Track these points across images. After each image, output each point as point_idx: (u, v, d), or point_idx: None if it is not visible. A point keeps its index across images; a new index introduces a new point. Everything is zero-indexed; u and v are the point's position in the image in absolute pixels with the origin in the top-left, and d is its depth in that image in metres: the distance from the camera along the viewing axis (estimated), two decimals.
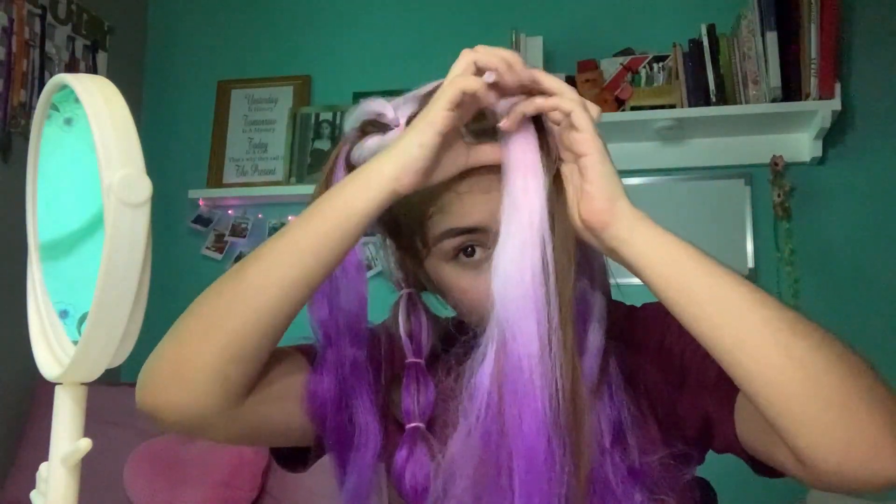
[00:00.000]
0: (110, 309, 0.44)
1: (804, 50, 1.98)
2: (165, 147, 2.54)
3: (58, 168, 0.53)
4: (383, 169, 0.62)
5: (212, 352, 0.62)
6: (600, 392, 0.70)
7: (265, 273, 0.63)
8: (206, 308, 0.64)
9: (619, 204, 0.63)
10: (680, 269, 0.60)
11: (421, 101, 0.70)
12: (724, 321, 0.58)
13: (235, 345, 0.63)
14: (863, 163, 2.11)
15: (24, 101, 2.11)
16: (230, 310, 0.63)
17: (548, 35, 2.21)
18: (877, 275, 2.06)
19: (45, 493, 0.49)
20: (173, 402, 0.63)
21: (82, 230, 0.50)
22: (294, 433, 0.75)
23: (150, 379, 0.65)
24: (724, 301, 0.58)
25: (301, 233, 0.63)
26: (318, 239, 0.62)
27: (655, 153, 2.21)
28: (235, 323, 0.62)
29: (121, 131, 0.44)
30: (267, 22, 2.57)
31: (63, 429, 0.49)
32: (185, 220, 2.46)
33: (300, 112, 2.45)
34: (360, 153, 0.72)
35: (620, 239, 0.62)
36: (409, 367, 0.75)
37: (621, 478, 0.68)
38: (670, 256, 0.61)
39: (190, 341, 0.64)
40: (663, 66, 2.17)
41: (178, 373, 0.63)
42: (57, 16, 2.23)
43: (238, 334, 0.62)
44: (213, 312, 0.64)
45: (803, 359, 0.56)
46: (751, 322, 0.57)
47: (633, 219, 0.63)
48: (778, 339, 0.56)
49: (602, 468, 0.67)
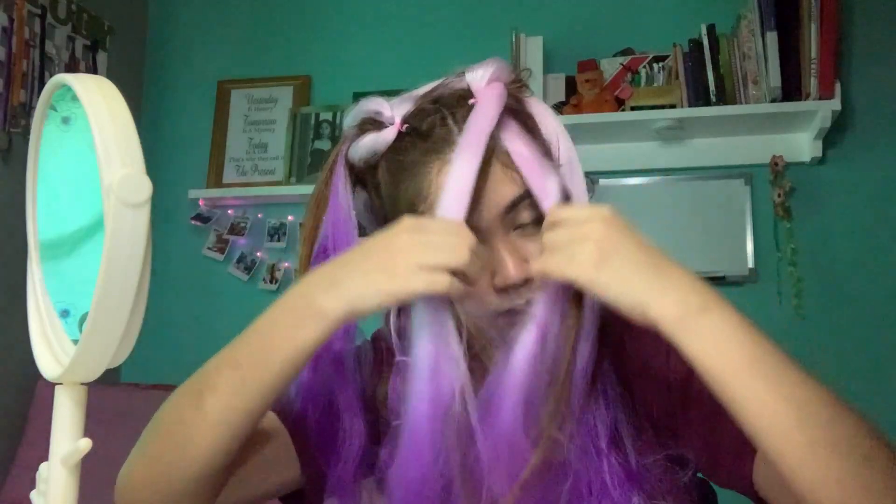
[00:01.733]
0: (110, 309, 0.44)
1: (804, 50, 1.98)
2: (165, 147, 2.54)
3: (58, 168, 0.53)
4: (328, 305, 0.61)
5: (179, 475, 0.65)
6: (594, 393, 0.69)
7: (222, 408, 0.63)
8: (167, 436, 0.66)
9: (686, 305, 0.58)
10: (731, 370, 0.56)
11: (417, 101, 0.71)
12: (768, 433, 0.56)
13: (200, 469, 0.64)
14: (863, 163, 2.11)
15: (24, 101, 2.11)
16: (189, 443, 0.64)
17: (548, 35, 2.21)
18: (877, 274, 2.06)
19: (45, 493, 0.49)
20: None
21: (84, 230, 0.50)
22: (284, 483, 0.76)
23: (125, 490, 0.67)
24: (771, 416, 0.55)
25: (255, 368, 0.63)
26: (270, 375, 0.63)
27: (655, 153, 2.21)
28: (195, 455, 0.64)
29: (121, 131, 0.44)
30: (267, 22, 2.57)
31: (63, 429, 0.49)
32: (185, 220, 2.46)
33: (300, 112, 2.45)
34: (356, 151, 0.72)
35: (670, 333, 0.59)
36: (397, 365, 0.74)
37: (618, 480, 0.67)
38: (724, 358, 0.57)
39: (157, 465, 0.66)
40: (663, 66, 2.17)
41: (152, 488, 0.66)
42: (57, 16, 2.23)
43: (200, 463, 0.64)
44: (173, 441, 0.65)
45: (843, 479, 0.54)
46: (794, 441, 0.55)
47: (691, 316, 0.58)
48: (818, 458, 0.54)
49: (599, 470, 0.67)
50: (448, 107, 0.69)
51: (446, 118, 0.68)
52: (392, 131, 0.70)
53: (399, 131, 0.70)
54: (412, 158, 0.69)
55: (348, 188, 0.74)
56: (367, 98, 0.73)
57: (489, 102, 0.67)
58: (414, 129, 0.69)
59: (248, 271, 2.41)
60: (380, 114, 0.72)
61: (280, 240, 2.39)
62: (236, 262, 2.42)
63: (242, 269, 2.41)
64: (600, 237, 0.59)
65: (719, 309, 0.57)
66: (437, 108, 0.69)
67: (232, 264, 2.42)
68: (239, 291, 2.39)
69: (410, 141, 0.69)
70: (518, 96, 0.72)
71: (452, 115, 0.68)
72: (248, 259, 2.42)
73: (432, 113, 0.69)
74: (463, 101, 0.69)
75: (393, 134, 0.70)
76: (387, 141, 0.70)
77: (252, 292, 2.37)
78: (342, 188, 0.73)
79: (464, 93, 0.70)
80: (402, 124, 0.70)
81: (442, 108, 0.69)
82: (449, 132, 0.68)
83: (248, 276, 2.41)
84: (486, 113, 0.67)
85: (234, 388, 0.63)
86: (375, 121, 0.72)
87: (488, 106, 0.67)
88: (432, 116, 0.69)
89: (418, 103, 0.71)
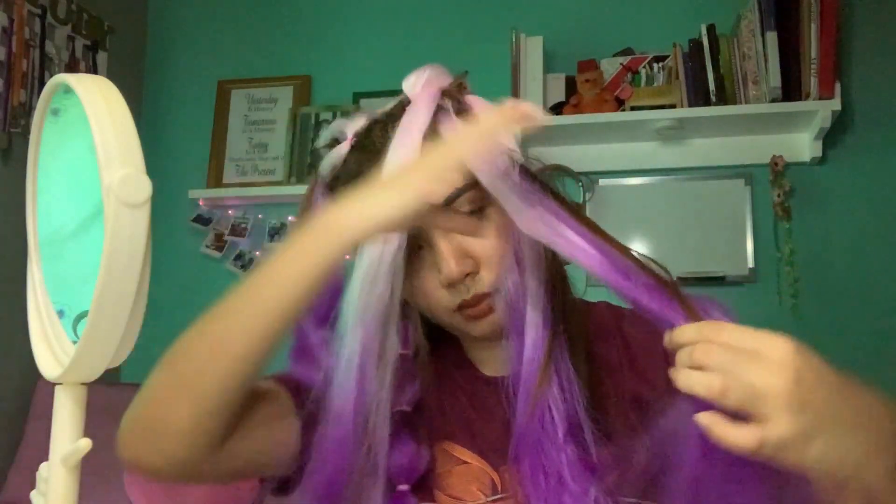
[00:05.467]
0: (110, 309, 0.44)
1: (804, 50, 1.98)
2: (165, 147, 2.54)
3: (54, 167, 0.53)
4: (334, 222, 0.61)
5: (185, 410, 0.62)
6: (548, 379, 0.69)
7: (229, 333, 0.62)
8: (176, 367, 0.64)
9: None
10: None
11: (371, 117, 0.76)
12: None
13: (204, 404, 0.63)
14: (863, 163, 2.11)
15: (24, 101, 2.11)
16: (196, 371, 0.62)
17: (548, 35, 2.21)
18: (877, 275, 2.06)
19: (45, 493, 0.49)
20: (152, 457, 0.64)
21: (74, 230, 0.50)
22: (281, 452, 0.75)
23: (128, 435, 0.65)
24: None
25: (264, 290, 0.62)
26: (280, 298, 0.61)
27: (655, 153, 2.21)
28: (200, 385, 0.62)
29: (121, 131, 0.44)
30: (267, 22, 2.57)
31: (63, 429, 0.49)
32: (185, 220, 2.46)
33: (300, 112, 2.44)
34: (323, 168, 0.77)
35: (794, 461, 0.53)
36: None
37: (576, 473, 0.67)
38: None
39: (162, 400, 0.64)
40: (663, 66, 2.17)
41: (154, 430, 0.63)
42: (57, 16, 2.23)
43: (205, 396, 0.62)
44: (183, 371, 0.63)
45: None
46: None
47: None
48: None
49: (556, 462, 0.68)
50: (391, 118, 0.72)
51: (386, 127, 0.72)
52: (344, 146, 0.75)
53: (350, 146, 0.75)
54: (357, 169, 0.72)
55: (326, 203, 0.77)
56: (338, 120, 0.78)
57: (420, 102, 0.70)
58: (359, 143, 0.74)
59: (246, 269, 2.41)
60: (341, 132, 0.77)
61: (280, 239, 2.39)
62: (234, 261, 2.42)
63: (240, 266, 2.41)
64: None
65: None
66: (382, 121, 0.73)
67: (230, 262, 2.42)
68: None
69: (355, 154, 0.74)
70: (458, 97, 0.74)
71: (392, 124, 0.71)
72: (247, 258, 2.42)
73: (376, 125, 0.74)
74: (403, 111, 0.72)
75: (345, 149, 0.75)
76: (340, 156, 0.75)
77: None
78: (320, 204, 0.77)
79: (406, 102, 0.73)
80: (351, 139, 0.75)
81: (386, 120, 0.73)
82: (387, 140, 0.70)
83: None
84: (417, 111, 0.69)
85: (245, 308, 0.62)
86: (337, 139, 0.77)
87: (419, 106, 0.70)
88: (375, 128, 0.73)
89: (371, 118, 0.76)
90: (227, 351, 0.61)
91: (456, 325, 0.74)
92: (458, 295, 0.70)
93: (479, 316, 0.72)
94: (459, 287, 0.70)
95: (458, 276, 0.69)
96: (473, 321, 0.72)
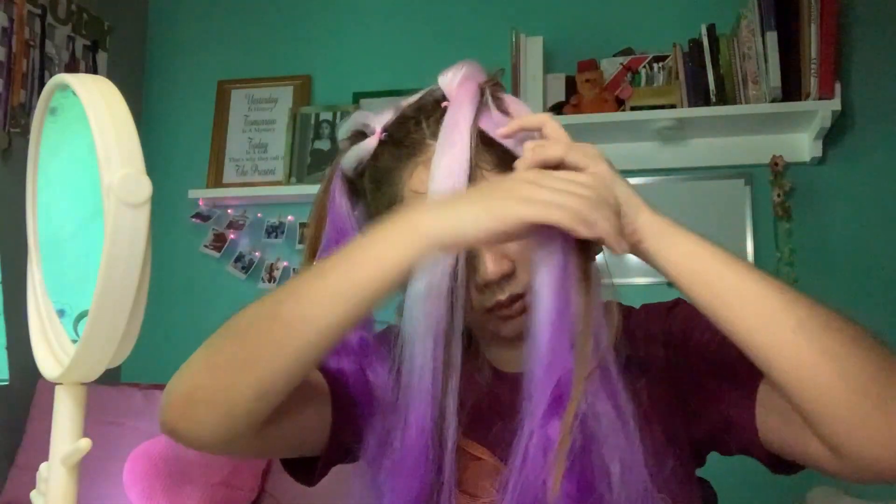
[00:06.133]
0: (110, 308, 0.44)
1: (804, 50, 1.98)
2: (165, 147, 2.54)
3: (54, 167, 0.53)
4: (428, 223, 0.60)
5: (244, 387, 0.62)
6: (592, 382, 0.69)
7: (302, 316, 0.61)
8: (241, 341, 0.63)
9: (642, 219, 0.64)
10: (710, 274, 0.61)
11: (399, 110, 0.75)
12: (758, 323, 0.59)
13: (267, 383, 0.62)
14: (863, 163, 2.11)
15: (24, 101, 2.11)
16: (265, 349, 0.62)
17: (548, 35, 2.21)
18: (877, 275, 2.06)
19: (45, 493, 0.49)
20: (199, 428, 0.63)
21: (74, 229, 0.50)
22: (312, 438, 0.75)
23: (179, 401, 0.63)
24: (757, 304, 0.59)
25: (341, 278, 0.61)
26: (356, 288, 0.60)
27: (655, 153, 2.21)
28: (268, 363, 0.61)
29: (121, 131, 0.44)
30: (267, 22, 2.57)
31: (63, 429, 0.49)
32: (184, 220, 2.46)
33: (300, 112, 2.44)
34: (347, 162, 0.76)
35: (650, 253, 0.64)
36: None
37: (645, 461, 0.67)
38: (699, 263, 0.62)
39: (224, 373, 0.63)
40: (663, 66, 2.17)
41: (210, 401, 0.62)
42: (57, 16, 2.23)
43: (271, 375, 0.62)
44: (247, 347, 0.63)
45: (838, 354, 0.57)
46: (784, 324, 0.58)
47: (660, 232, 0.64)
48: (811, 338, 0.57)
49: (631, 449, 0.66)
50: (424, 112, 0.72)
51: (420, 122, 0.71)
52: (373, 140, 0.74)
53: (380, 140, 0.74)
54: (388, 165, 0.72)
55: (346, 198, 0.77)
56: (358, 111, 0.78)
57: (462, 99, 0.70)
58: (391, 137, 0.73)
59: (246, 270, 2.41)
60: (367, 125, 0.75)
61: (278, 237, 2.39)
62: (234, 262, 2.42)
63: (240, 268, 2.41)
64: None
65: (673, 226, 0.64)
66: (413, 115, 0.73)
67: (229, 262, 2.42)
68: (238, 291, 2.39)
69: (387, 148, 0.73)
70: (495, 94, 0.74)
71: (426, 119, 0.71)
72: (247, 259, 2.42)
73: (408, 120, 0.73)
74: (437, 106, 0.72)
75: (374, 143, 0.74)
76: (368, 150, 0.74)
77: (251, 291, 2.37)
78: (339, 198, 0.77)
79: (440, 98, 0.73)
80: (381, 133, 0.74)
81: (418, 115, 0.72)
82: (422, 136, 0.70)
83: (245, 276, 2.41)
84: (461, 107, 0.69)
85: (316, 297, 0.61)
86: (362, 132, 0.76)
87: (463, 101, 0.70)
88: (407, 123, 0.73)
89: (399, 112, 0.75)
90: (302, 334, 0.61)
91: (486, 324, 0.74)
92: (493, 295, 0.70)
93: (512, 316, 0.72)
94: (494, 288, 0.70)
95: (496, 277, 0.68)
96: (505, 321, 0.72)
